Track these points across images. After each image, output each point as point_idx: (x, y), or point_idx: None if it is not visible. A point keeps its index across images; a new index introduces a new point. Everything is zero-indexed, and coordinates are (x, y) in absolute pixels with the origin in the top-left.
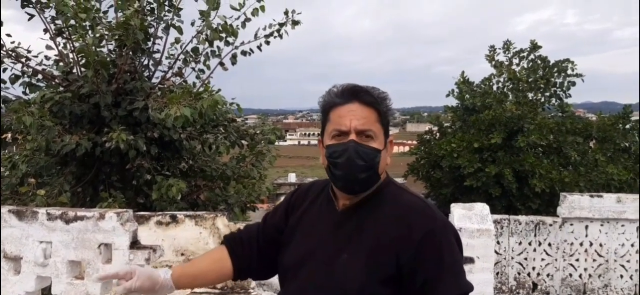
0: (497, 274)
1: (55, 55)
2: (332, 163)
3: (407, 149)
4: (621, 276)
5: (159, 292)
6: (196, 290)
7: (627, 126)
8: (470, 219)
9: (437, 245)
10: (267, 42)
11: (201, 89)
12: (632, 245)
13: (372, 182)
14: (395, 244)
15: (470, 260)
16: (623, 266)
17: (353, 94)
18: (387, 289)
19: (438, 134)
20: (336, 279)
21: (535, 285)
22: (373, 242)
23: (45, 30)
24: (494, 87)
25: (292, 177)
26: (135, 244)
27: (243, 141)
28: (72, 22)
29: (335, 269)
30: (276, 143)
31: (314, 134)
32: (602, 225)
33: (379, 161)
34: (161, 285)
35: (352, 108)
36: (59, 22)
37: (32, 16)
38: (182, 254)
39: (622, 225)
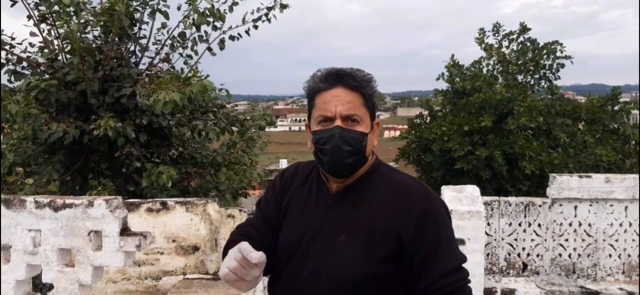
0: (488, 255)
1: (40, 42)
2: (319, 149)
3: (397, 133)
4: (610, 255)
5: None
6: (189, 276)
7: (616, 108)
8: (461, 201)
9: (434, 221)
10: (255, 27)
11: (189, 75)
12: (621, 225)
13: (359, 165)
14: (395, 223)
15: (461, 241)
16: (612, 245)
17: (337, 78)
18: (387, 267)
19: (428, 117)
20: (336, 261)
21: (525, 265)
22: (371, 222)
23: (29, 17)
24: (484, 70)
25: (283, 163)
26: (125, 231)
27: (233, 127)
28: (56, 8)
29: (334, 250)
30: (267, 129)
31: (304, 120)
32: (591, 205)
33: (366, 144)
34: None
35: (336, 93)
36: (42, 8)
37: (15, 2)
38: (174, 241)
39: (611, 205)
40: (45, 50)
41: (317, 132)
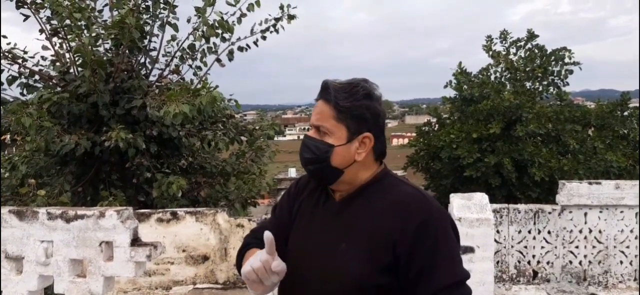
0: (498, 262)
1: (52, 55)
2: None
3: (406, 141)
4: (621, 262)
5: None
6: (199, 285)
7: (626, 113)
8: (470, 209)
9: (432, 234)
10: (264, 37)
11: (199, 86)
12: (632, 231)
13: (328, 174)
14: (392, 233)
15: (471, 249)
16: (622, 252)
17: (321, 90)
18: (385, 277)
19: (437, 125)
20: (335, 268)
21: (535, 273)
22: (370, 232)
23: (41, 31)
24: (492, 77)
25: (292, 172)
26: (136, 242)
27: (242, 137)
28: (68, 22)
29: (334, 258)
30: (275, 138)
31: None
32: (601, 212)
33: (331, 155)
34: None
35: (318, 104)
36: (54, 22)
37: (27, 17)
38: (184, 250)
39: (621, 212)
40: (57, 64)
41: None
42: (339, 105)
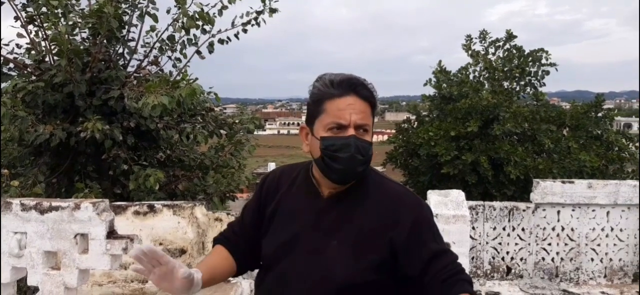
0: (472, 258)
1: (27, 43)
2: (330, 156)
3: (385, 137)
4: (592, 259)
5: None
6: None
7: (599, 114)
8: (446, 206)
9: (427, 226)
10: (245, 30)
11: (178, 78)
12: (603, 230)
13: (366, 174)
14: (387, 230)
15: (446, 245)
16: (594, 250)
17: (350, 86)
18: (377, 274)
19: (416, 122)
20: (326, 266)
21: (509, 269)
22: (362, 229)
23: (16, 18)
24: (471, 76)
25: (271, 166)
26: (112, 234)
27: (221, 130)
28: (44, 9)
29: (325, 255)
30: (255, 132)
31: (293, 124)
32: (573, 210)
33: (372, 153)
34: (194, 287)
35: (350, 101)
36: (30, 9)
37: (2, 3)
38: (160, 244)
39: (593, 210)
40: (33, 52)
41: (328, 139)
42: (374, 102)
